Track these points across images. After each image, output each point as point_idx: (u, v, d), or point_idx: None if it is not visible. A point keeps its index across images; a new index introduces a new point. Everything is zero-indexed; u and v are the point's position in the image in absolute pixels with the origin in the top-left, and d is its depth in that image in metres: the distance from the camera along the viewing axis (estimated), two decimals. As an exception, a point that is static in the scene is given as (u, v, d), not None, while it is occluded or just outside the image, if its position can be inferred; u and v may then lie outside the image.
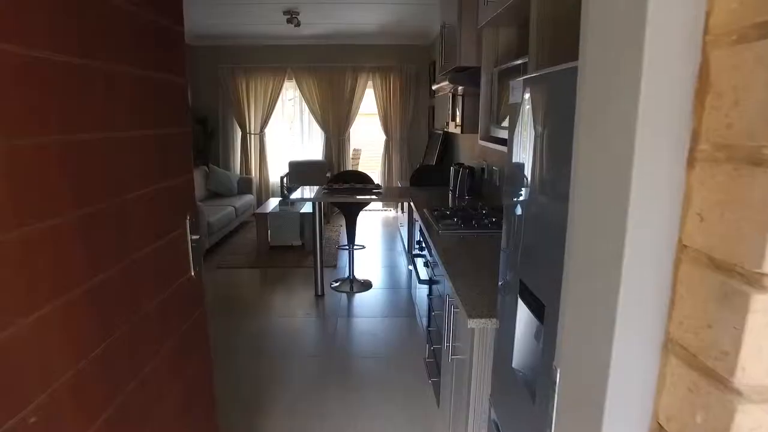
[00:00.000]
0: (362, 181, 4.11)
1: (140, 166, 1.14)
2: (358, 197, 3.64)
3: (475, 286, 1.70)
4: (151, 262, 1.20)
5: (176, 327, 1.37)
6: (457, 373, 1.77)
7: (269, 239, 5.18)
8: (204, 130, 6.84)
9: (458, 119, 2.92)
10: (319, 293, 3.96)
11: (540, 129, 0.95)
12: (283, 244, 5.24)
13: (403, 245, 5.37)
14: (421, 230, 3.00)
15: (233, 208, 5.69)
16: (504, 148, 1.81)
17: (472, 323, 1.47)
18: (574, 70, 0.66)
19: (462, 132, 2.89)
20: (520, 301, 1.08)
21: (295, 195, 3.81)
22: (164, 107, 1.28)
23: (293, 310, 3.71)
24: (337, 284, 4.22)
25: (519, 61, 1.53)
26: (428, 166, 4.58)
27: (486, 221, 2.65)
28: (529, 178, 1.05)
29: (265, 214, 5.14)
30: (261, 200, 7.11)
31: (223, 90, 6.89)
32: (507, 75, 1.77)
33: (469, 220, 2.66)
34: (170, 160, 1.32)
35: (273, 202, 5.84)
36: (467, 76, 2.34)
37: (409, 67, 6.80)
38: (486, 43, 1.82)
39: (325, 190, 3.84)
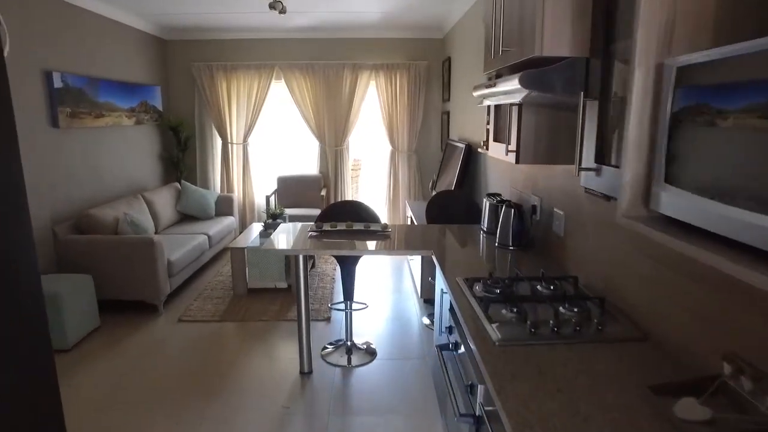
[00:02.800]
0: (363, 217, 3.08)
1: None
2: (357, 245, 2.61)
3: None
4: None
5: None
6: None
7: (247, 280, 4.15)
8: (177, 139, 5.81)
9: (511, 142, 1.89)
10: (305, 370, 2.93)
11: None
12: (265, 286, 4.21)
13: (414, 287, 4.33)
14: (452, 311, 1.97)
15: (206, 237, 4.65)
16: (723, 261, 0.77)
17: None
18: None
19: (518, 162, 1.86)
20: None
21: (276, 235, 2.78)
22: None
23: (268, 399, 2.68)
24: (330, 350, 3.18)
25: None
26: (448, 192, 3.55)
27: (568, 315, 1.62)
28: None
29: (242, 249, 4.10)
30: (245, 223, 6.08)
31: (199, 92, 5.86)
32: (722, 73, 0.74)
33: (534, 309, 1.65)
34: None
35: (256, 229, 4.81)
36: (546, 75, 1.31)
37: (419, 65, 5.76)
38: (647, 5, 0.81)
39: (313, 233, 2.81)
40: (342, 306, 3.17)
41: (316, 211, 5.62)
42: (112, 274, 3.64)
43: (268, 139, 6.21)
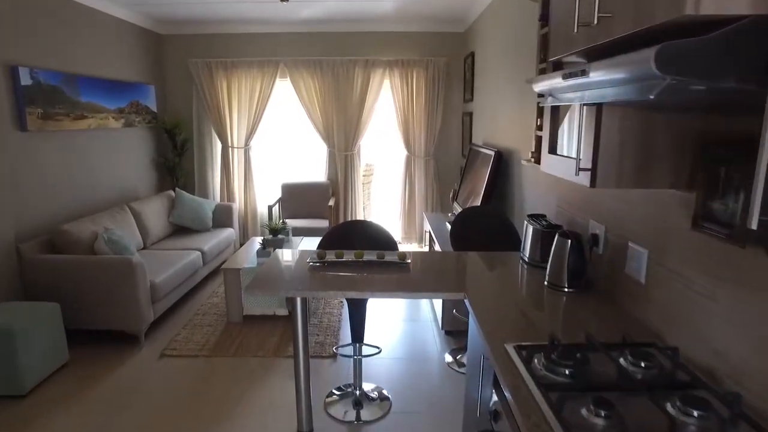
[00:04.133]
0: (375, 241, 2.53)
1: None
2: (368, 282, 2.07)
3: None
4: None
5: None
6: None
7: (243, 306, 3.63)
8: (173, 143, 5.32)
9: (584, 158, 1.34)
10: (304, 429, 2.39)
11: None
12: (263, 313, 3.69)
13: (434, 316, 3.76)
14: (498, 386, 1.42)
15: (199, 254, 4.15)
16: None
17: None
18: None
19: (593, 185, 1.32)
20: None
21: (271, 266, 2.25)
22: None
23: (257, 471, 2.15)
24: (336, 399, 2.65)
25: None
26: (477, 209, 2.99)
27: (682, 420, 1.08)
28: None
29: (237, 270, 3.58)
30: (247, 234, 5.58)
31: (197, 91, 5.38)
32: None
33: (625, 401, 1.12)
34: None
35: (257, 244, 4.30)
36: (703, 50, 0.76)
37: (438, 62, 5.20)
38: None
39: (315, 264, 2.27)
40: (350, 350, 2.62)
41: (324, 223, 5.09)
42: (85, 300, 3.14)
43: (272, 143, 5.70)
